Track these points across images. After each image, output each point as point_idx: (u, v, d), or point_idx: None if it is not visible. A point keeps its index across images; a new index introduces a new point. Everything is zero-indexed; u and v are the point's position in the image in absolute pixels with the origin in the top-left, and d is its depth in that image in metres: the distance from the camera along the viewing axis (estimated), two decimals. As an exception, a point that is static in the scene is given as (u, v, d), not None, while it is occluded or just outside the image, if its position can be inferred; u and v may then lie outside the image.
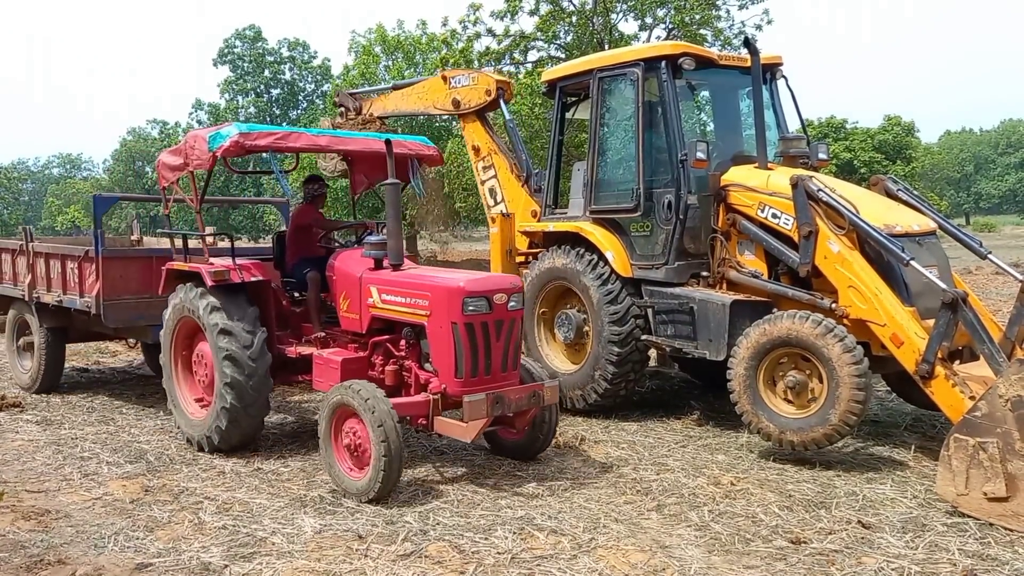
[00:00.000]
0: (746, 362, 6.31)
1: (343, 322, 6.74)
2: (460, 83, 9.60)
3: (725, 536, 4.90)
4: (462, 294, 5.69)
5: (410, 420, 5.84)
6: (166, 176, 7.30)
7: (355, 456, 5.64)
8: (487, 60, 26.54)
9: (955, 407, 5.66)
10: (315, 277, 6.95)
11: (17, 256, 9.61)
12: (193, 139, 6.82)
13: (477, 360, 5.76)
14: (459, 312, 5.67)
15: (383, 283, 6.28)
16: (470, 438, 5.71)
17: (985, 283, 17.66)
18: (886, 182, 7.50)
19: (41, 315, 9.24)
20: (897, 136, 39.01)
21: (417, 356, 6.20)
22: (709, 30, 27.10)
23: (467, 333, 5.69)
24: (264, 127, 6.72)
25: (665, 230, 7.40)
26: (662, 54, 7.48)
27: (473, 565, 4.53)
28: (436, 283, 5.92)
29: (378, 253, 6.40)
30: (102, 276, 8.14)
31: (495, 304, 5.80)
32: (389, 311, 6.23)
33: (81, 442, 7.28)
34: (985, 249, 6.92)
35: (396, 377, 6.23)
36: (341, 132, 7.27)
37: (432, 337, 5.87)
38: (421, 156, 7.43)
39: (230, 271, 6.68)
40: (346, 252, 6.99)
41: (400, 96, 10.28)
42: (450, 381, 5.76)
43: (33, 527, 5.17)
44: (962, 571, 4.37)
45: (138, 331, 8.82)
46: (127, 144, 71.65)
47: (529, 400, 5.87)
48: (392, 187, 6.23)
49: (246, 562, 4.62)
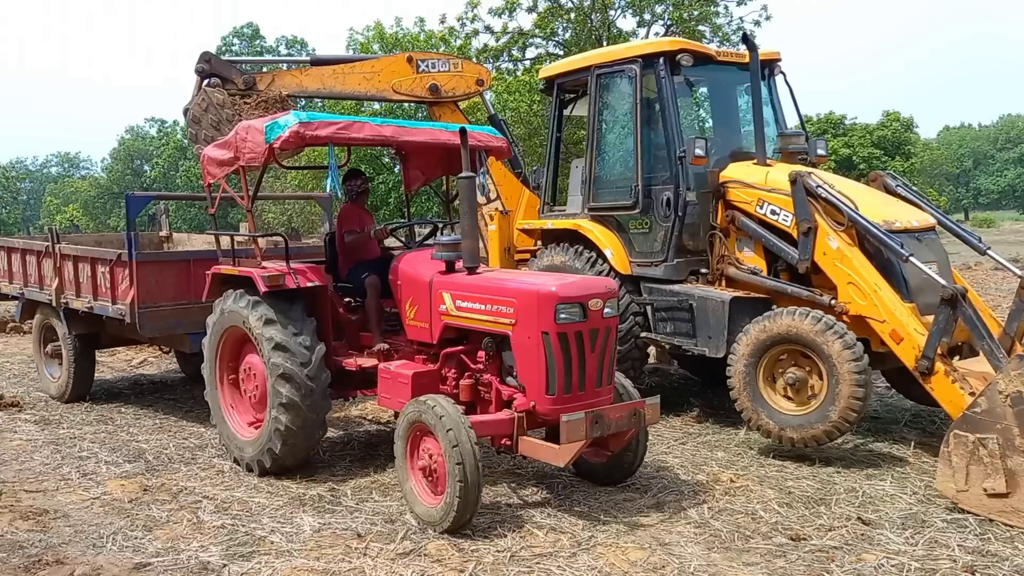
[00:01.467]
0: (746, 359, 6.31)
1: (409, 331, 6.12)
2: (436, 67, 9.00)
3: (725, 533, 4.89)
4: (554, 300, 5.05)
5: (491, 441, 5.33)
6: (212, 172, 6.63)
7: (431, 480, 5.09)
8: (485, 57, 26.54)
9: (955, 403, 5.65)
10: (375, 282, 6.34)
11: (43, 258, 8.93)
12: (245, 130, 6.11)
13: (571, 374, 5.12)
14: (550, 320, 5.04)
15: (458, 288, 5.63)
16: (564, 462, 5.06)
17: (984, 279, 17.64)
18: (885, 178, 7.49)
19: (70, 321, 8.64)
20: (896, 132, 39.10)
21: (497, 369, 5.52)
22: (707, 26, 27.13)
23: (560, 344, 5.05)
24: (324, 115, 6.02)
25: (664, 227, 7.39)
26: (660, 50, 7.46)
27: (472, 563, 4.52)
28: (523, 288, 5.26)
29: (450, 255, 5.74)
30: (137, 282, 7.52)
31: (590, 311, 5.14)
32: (465, 319, 5.58)
33: (79, 441, 7.26)
34: (984, 245, 6.92)
35: (472, 392, 5.59)
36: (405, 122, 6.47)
37: (518, 349, 5.22)
38: (490, 148, 6.73)
39: (285, 275, 6.05)
40: (411, 254, 6.36)
41: (331, 74, 8.94)
42: (540, 398, 5.12)
43: (31, 527, 5.15)
44: (962, 567, 4.36)
45: (176, 340, 8.25)
46: (125, 143, 71.62)
47: (629, 420, 5.21)
48: (468, 181, 5.59)
49: (245, 561, 4.61)
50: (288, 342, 5.87)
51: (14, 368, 10.92)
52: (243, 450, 6.27)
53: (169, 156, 61.89)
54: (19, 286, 9.37)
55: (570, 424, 4.88)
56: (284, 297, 6.06)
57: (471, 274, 5.69)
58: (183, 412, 8.45)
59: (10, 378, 10.26)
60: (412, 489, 5.19)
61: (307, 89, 8.98)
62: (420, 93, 9.05)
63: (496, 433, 5.23)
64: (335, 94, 9.25)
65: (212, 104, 8.28)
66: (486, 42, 26.93)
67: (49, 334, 9.20)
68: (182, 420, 8.10)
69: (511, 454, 5.53)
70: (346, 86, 9.00)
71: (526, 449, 5.17)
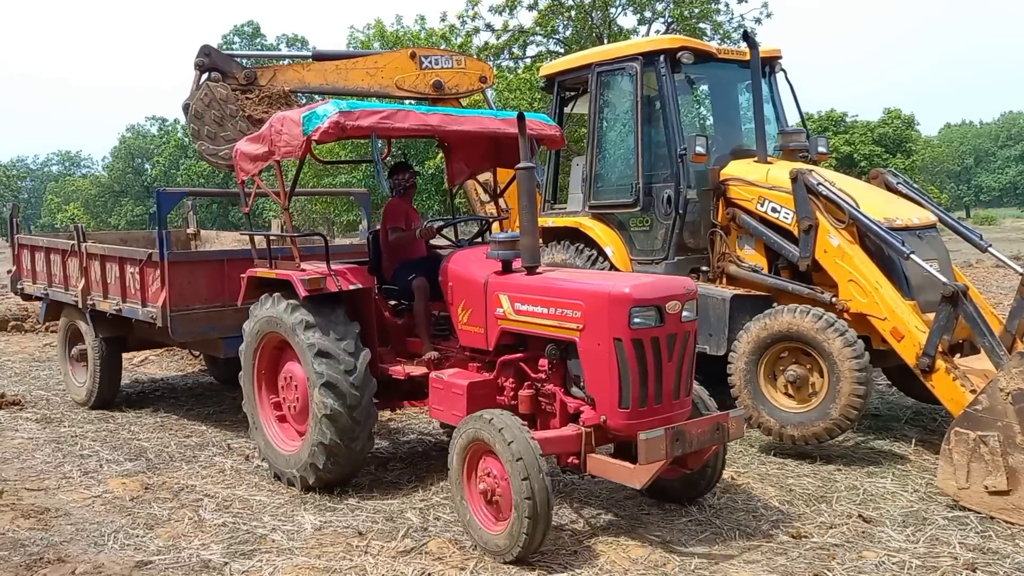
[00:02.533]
0: (747, 357, 6.31)
1: (461, 337, 5.61)
2: (440, 64, 8.88)
3: (726, 531, 4.89)
4: (628, 303, 4.53)
5: (557, 459, 4.83)
6: (245, 168, 6.19)
7: (492, 504, 4.60)
8: (486, 55, 26.52)
9: (956, 401, 5.65)
10: (423, 285, 5.88)
11: (68, 257, 8.52)
12: (280, 122, 5.68)
13: (647, 385, 4.59)
14: (624, 326, 4.52)
15: (517, 289, 5.12)
16: (640, 484, 4.51)
17: (985, 276, 17.64)
18: (886, 175, 7.48)
19: (96, 324, 8.23)
20: (897, 129, 39.06)
21: (561, 379, 5.01)
22: (708, 24, 27.13)
23: (634, 352, 4.54)
24: (366, 104, 5.59)
25: (664, 225, 7.38)
26: (661, 48, 7.46)
27: (474, 561, 4.52)
28: (593, 289, 4.73)
29: (507, 253, 5.23)
30: (168, 283, 7.11)
31: (667, 314, 4.62)
32: (525, 324, 5.07)
33: (80, 440, 7.27)
34: (985, 242, 6.91)
35: (532, 404, 5.08)
36: (451, 109, 6.03)
37: (586, 357, 4.70)
38: (543, 137, 6.26)
39: (325, 278, 5.65)
40: (463, 252, 5.87)
41: (333, 70, 8.73)
42: (612, 412, 4.61)
43: (33, 525, 5.16)
44: (963, 565, 4.36)
45: (209, 344, 7.79)
46: (126, 141, 71.57)
47: (712, 435, 4.66)
48: (527, 172, 5.11)
49: (246, 559, 4.62)
50: (331, 348, 5.46)
51: (15, 367, 10.93)
52: (283, 464, 5.85)
53: (170, 154, 61.87)
54: (43, 286, 9.05)
55: (649, 442, 4.34)
56: (325, 301, 5.66)
57: (531, 274, 5.18)
58: (184, 411, 8.45)
59: (11, 376, 10.26)
60: (470, 514, 4.71)
61: (309, 85, 8.77)
62: (423, 89, 8.95)
63: (562, 451, 4.72)
64: (337, 90, 8.97)
65: (215, 99, 8.02)
66: (487, 40, 26.95)
67: (74, 337, 8.83)
68: (183, 419, 8.10)
69: (578, 474, 4.97)
70: (348, 82, 8.80)
71: (596, 468, 4.65)
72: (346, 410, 5.43)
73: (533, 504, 4.25)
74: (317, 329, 5.50)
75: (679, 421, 4.64)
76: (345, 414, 5.43)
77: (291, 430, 6.02)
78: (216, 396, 9.20)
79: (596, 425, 4.67)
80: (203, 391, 9.56)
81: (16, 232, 9.69)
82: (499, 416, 4.55)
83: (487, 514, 4.65)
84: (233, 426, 7.72)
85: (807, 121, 8.36)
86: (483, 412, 4.66)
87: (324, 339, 5.48)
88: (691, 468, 4.98)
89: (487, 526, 4.62)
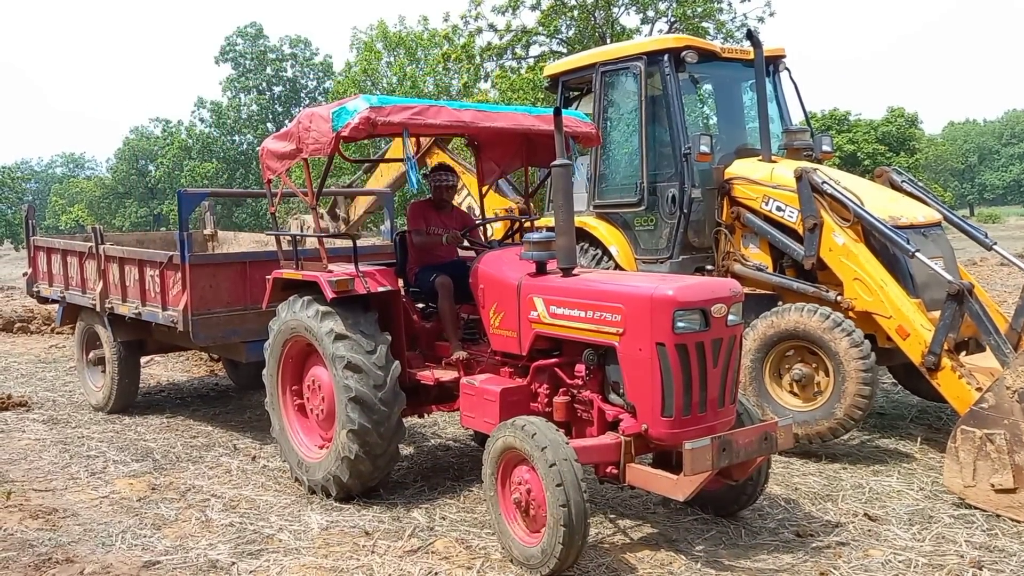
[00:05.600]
0: (752, 355, 6.31)
1: (493, 341, 5.40)
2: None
3: (731, 530, 4.90)
4: (671, 306, 4.29)
5: (595, 469, 4.63)
6: (272, 167, 6.01)
7: (527, 515, 4.41)
8: (489, 55, 26.52)
9: (962, 399, 5.65)
10: (446, 282, 5.70)
11: (86, 260, 8.39)
12: (309, 119, 5.46)
13: (691, 393, 4.37)
14: (668, 330, 4.29)
15: (552, 292, 4.91)
16: (684, 496, 4.30)
17: (990, 274, 17.58)
18: (891, 174, 7.47)
19: (115, 327, 8.09)
20: (900, 128, 38.93)
21: (599, 385, 4.79)
22: (711, 23, 27.06)
23: (678, 357, 4.31)
24: (397, 99, 5.33)
25: (669, 224, 7.39)
26: (664, 48, 7.46)
27: (480, 560, 4.53)
28: (633, 292, 4.49)
29: (542, 254, 5.00)
30: (190, 286, 6.94)
31: (712, 318, 4.37)
32: (561, 328, 4.85)
33: (87, 441, 7.29)
34: (990, 240, 6.90)
35: (567, 411, 4.88)
36: (484, 105, 5.86)
37: (627, 362, 4.48)
38: (578, 134, 6.03)
39: (354, 280, 5.45)
40: (494, 254, 5.64)
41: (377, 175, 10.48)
42: (654, 420, 4.38)
43: (41, 526, 5.18)
44: (969, 563, 4.36)
45: (231, 349, 7.58)
46: (130, 143, 71.73)
47: (760, 446, 4.42)
48: (563, 169, 4.87)
49: (253, 559, 4.63)
50: (361, 361, 5.25)
51: (22, 368, 10.96)
52: (307, 472, 5.71)
53: (174, 156, 62.01)
54: (60, 289, 8.95)
55: (695, 452, 4.12)
56: (354, 305, 5.47)
57: (567, 276, 4.95)
58: (190, 411, 8.47)
59: (18, 378, 10.29)
60: (505, 526, 4.53)
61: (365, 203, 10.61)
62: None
63: (600, 460, 4.52)
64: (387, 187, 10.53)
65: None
66: (489, 40, 26.91)
67: (92, 341, 8.69)
68: (189, 419, 8.12)
69: (617, 484, 4.73)
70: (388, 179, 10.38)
71: (636, 479, 4.47)
72: (373, 426, 5.26)
73: (568, 512, 4.06)
74: (347, 339, 5.31)
75: (723, 430, 4.44)
76: (372, 430, 5.26)
77: (315, 433, 5.89)
78: (222, 397, 9.23)
79: (636, 434, 4.47)
80: (208, 392, 9.58)
81: (33, 234, 9.60)
82: (532, 422, 4.36)
83: (521, 525, 4.48)
84: (239, 426, 7.75)
85: (811, 120, 8.35)
86: (516, 419, 4.47)
87: (354, 350, 5.28)
88: (736, 479, 4.74)
89: (520, 537, 4.46)
